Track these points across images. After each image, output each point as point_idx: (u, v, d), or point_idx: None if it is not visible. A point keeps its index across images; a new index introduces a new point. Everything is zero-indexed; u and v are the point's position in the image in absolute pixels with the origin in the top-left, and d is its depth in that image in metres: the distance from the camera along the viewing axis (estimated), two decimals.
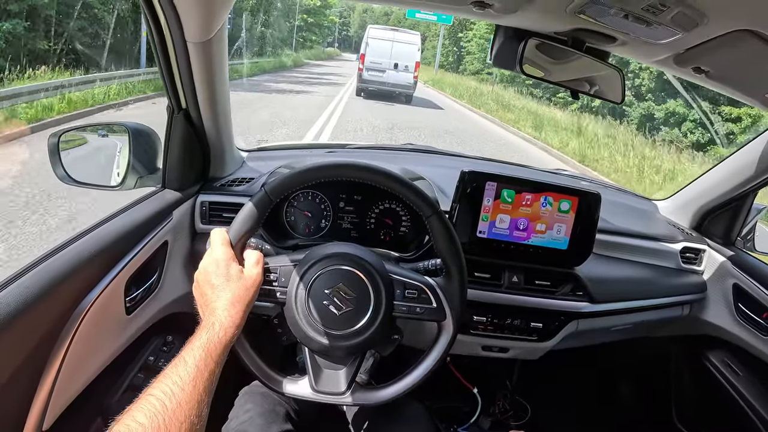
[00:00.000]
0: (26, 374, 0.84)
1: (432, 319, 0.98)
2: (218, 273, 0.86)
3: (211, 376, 0.73)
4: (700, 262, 1.61)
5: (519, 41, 1.04)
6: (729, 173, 1.52)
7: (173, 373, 0.70)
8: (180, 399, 0.66)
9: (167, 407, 0.64)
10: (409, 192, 0.96)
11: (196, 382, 0.70)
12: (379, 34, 16.21)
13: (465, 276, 0.98)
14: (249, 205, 0.93)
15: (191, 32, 1.02)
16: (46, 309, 0.86)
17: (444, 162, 1.83)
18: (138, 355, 1.23)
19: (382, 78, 15.88)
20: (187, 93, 1.17)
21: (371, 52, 15.60)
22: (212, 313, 0.82)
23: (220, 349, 0.77)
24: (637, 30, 0.89)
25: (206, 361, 0.73)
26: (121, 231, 1.06)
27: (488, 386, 1.73)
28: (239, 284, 0.86)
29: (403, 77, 15.90)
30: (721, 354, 1.63)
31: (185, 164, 1.28)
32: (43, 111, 7.84)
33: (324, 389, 0.96)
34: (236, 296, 0.84)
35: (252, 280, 0.88)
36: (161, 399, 0.65)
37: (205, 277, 0.87)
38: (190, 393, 0.68)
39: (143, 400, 0.65)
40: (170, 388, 0.67)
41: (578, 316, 1.41)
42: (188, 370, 0.71)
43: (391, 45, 15.67)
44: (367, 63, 15.78)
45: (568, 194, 1.29)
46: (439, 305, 0.97)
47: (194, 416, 0.66)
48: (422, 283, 0.97)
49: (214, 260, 0.87)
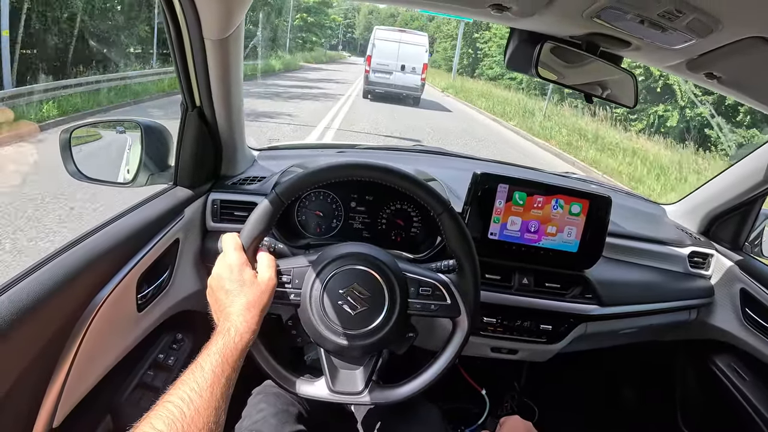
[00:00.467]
0: (38, 370, 0.84)
1: (447, 316, 0.99)
2: (232, 278, 0.86)
3: (228, 382, 0.73)
4: (707, 267, 1.61)
5: (534, 44, 1.04)
6: (738, 178, 1.52)
7: (190, 379, 0.70)
8: (198, 405, 0.66)
9: (185, 414, 0.64)
10: (419, 190, 0.96)
11: (213, 388, 0.70)
12: (386, 35, 16.01)
13: (478, 272, 0.98)
14: (260, 207, 0.93)
15: (209, 29, 1.02)
16: (58, 305, 0.86)
17: (455, 164, 1.83)
18: (148, 353, 1.24)
19: (389, 80, 15.56)
20: (202, 91, 1.17)
21: (378, 53, 15.37)
22: (227, 319, 0.81)
23: (237, 354, 0.77)
24: (651, 35, 0.89)
25: (223, 367, 0.73)
26: (133, 228, 1.06)
27: (496, 388, 1.73)
28: (253, 289, 0.86)
29: (411, 79, 15.58)
30: (727, 359, 1.63)
31: (197, 162, 1.28)
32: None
33: (341, 389, 0.96)
34: (251, 301, 0.84)
35: (266, 284, 0.88)
36: (179, 406, 0.65)
37: (219, 283, 0.87)
38: (208, 399, 0.68)
39: (161, 407, 0.65)
40: (188, 394, 0.67)
41: (587, 319, 1.41)
42: (205, 376, 0.71)
43: (398, 46, 15.44)
44: (373, 65, 15.50)
45: (580, 197, 1.29)
46: (453, 302, 0.97)
47: (212, 423, 0.66)
48: (436, 280, 0.97)
49: (228, 265, 0.87)
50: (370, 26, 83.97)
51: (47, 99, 8.05)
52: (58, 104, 8.13)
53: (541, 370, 1.67)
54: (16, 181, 4.89)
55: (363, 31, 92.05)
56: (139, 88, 11.18)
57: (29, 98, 7.86)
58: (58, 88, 8.68)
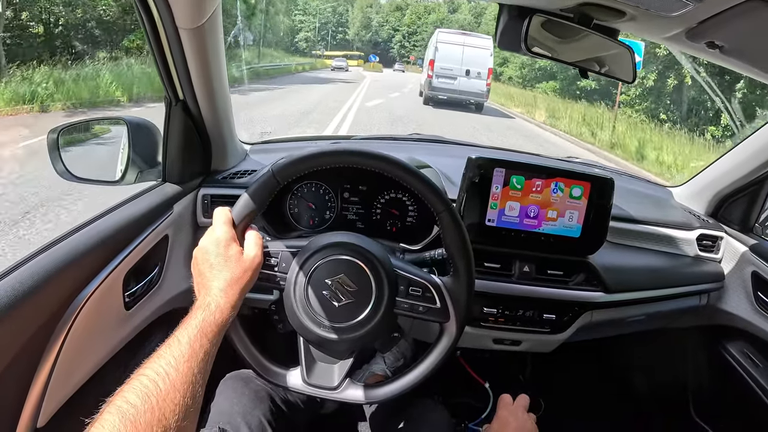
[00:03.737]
0: (20, 370, 0.83)
1: (434, 320, 0.95)
2: (218, 252, 0.84)
3: (206, 356, 0.71)
4: (717, 250, 1.56)
5: (523, 20, 1.00)
6: (746, 157, 1.46)
7: (167, 353, 0.68)
8: (174, 379, 0.64)
9: (160, 388, 0.62)
10: (422, 186, 0.92)
11: (190, 362, 0.67)
12: (449, 38, 15.59)
13: (473, 276, 0.94)
14: (254, 184, 0.90)
15: (182, 17, 0.99)
16: (40, 303, 0.84)
17: (451, 151, 1.79)
18: (138, 352, 1.21)
19: (453, 85, 14.95)
20: (184, 83, 1.14)
21: (441, 57, 14.99)
22: (208, 293, 0.80)
23: (216, 329, 0.75)
24: (646, 2, 0.85)
25: (201, 341, 0.71)
26: (118, 225, 1.04)
27: (500, 381, 1.70)
28: (238, 265, 0.84)
29: (476, 85, 15.02)
30: (740, 344, 1.58)
31: (185, 157, 1.26)
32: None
33: (316, 382, 0.93)
34: (234, 277, 0.82)
35: (251, 261, 0.86)
36: (154, 379, 0.63)
37: (204, 256, 0.85)
38: (185, 373, 0.65)
39: (135, 380, 0.63)
40: (163, 368, 0.65)
41: (592, 307, 1.36)
42: (182, 349, 0.68)
43: (462, 50, 15.09)
44: (437, 69, 14.91)
45: (580, 179, 1.24)
46: (443, 306, 0.93)
47: (188, 397, 0.64)
48: (428, 281, 0.93)
49: (215, 239, 0.86)
50: (369, 24, 79.59)
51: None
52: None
53: (547, 361, 1.63)
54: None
55: (360, 29, 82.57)
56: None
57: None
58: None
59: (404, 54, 79.00)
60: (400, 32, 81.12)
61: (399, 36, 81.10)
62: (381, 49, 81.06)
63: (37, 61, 10.70)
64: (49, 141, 1.17)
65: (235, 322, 0.91)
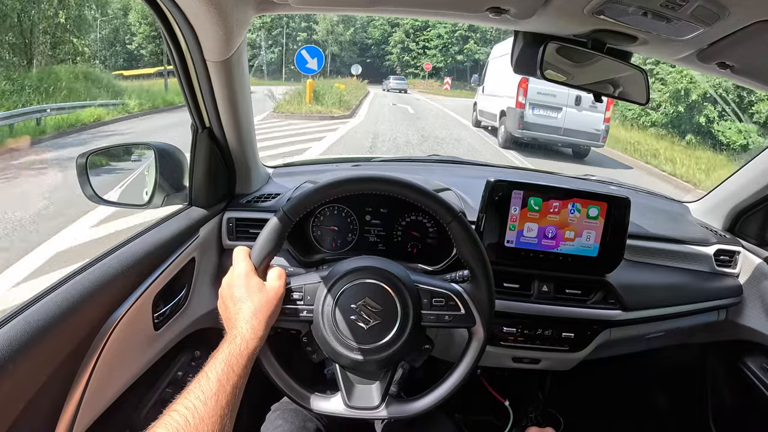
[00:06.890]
0: (54, 389, 0.85)
1: (461, 326, 0.97)
2: (240, 285, 0.87)
3: (234, 389, 0.74)
4: (735, 265, 1.56)
5: (538, 46, 1.03)
6: (761, 171, 1.47)
7: (196, 388, 0.71)
8: (203, 414, 0.67)
9: (190, 423, 0.65)
10: (427, 199, 0.95)
11: (218, 396, 0.70)
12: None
13: (491, 279, 0.97)
14: (269, 225, 0.94)
15: (210, 51, 1.04)
16: (74, 325, 0.87)
17: (469, 172, 1.81)
18: (166, 371, 1.24)
19: (555, 121, 10.11)
20: (210, 112, 1.18)
21: (536, 80, 8.91)
22: (234, 326, 0.83)
23: (243, 361, 0.78)
24: (657, 27, 0.88)
25: (228, 375, 0.74)
26: (148, 248, 1.07)
27: (520, 398, 1.70)
28: (260, 296, 0.87)
29: (589, 120, 10.02)
30: (760, 359, 1.57)
31: (211, 182, 1.29)
32: None
33: (357, 404, 0.95)
34: (257, 308, 0.85)
35: (274, 291, 0.89)
36: (184, 414, 0.66)
37: (228, 291, 0.88)
38: (213, 407, 0.69)
39: (167, 416, 0.66)
40: (193, 403, 0.68)
41: (611, 325, 1.37)
42: (210, 384, 0.71)
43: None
44: (531, 96, 9.96)
45: (597, 200, 1.26)
46: (467, 311, 0.95)
47: (217, 430, 0.67)
48: (449, 290, 0.96)
49: (237, 274, 0.89)
50: (350, 17, 47.80)
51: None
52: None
53: (566, 378, 1.63)
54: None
55: (336, 24, 55.61)
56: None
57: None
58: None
59: (409, 62, 57.04)
60: (401, 28, 57.05)
61: (400, 34, 57.55)
62: (370, 56, 58.77)
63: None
64: (78, 166, 1.21)
65: (269, 354, 0.94)
